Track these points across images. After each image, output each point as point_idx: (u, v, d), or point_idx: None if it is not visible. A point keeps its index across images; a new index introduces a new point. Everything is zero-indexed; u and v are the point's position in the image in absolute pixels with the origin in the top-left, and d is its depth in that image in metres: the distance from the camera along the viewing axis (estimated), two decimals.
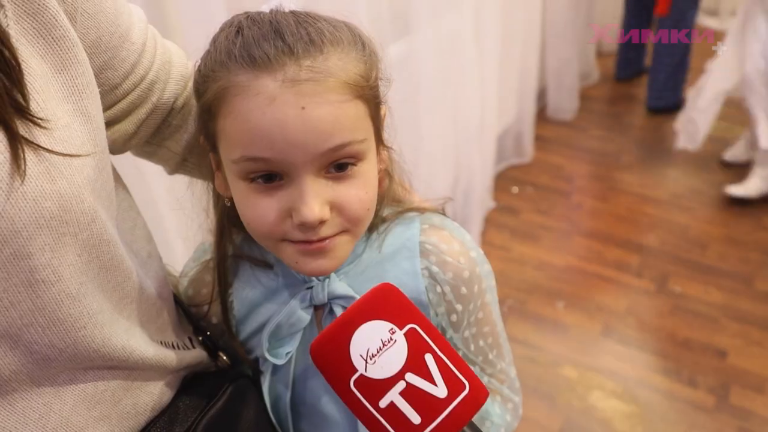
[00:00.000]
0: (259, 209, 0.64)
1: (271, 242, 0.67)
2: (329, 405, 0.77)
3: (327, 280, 0.73)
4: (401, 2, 2.06)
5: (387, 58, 0.69)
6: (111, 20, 0.63)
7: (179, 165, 0.82)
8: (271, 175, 0.63)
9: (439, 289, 0.75)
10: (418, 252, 0.75)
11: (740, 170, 3.14)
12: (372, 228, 0.76)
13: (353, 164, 0.64)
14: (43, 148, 0.50)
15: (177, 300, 0.80)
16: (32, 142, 0.49)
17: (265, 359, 0.75)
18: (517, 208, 2.98)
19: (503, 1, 2.61)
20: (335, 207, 0.64)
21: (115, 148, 0.72)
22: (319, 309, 0.75)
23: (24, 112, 0.49)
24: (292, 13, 0.64)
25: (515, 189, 3.11)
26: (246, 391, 0.74)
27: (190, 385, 0.72)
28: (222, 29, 0.66)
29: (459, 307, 0.75)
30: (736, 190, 2.95)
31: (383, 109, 0.71)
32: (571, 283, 2.53)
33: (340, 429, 0.77)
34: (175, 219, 1.51)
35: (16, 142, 0.47)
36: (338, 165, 0.63)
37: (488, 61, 2.58)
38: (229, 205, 0.73)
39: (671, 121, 3.68)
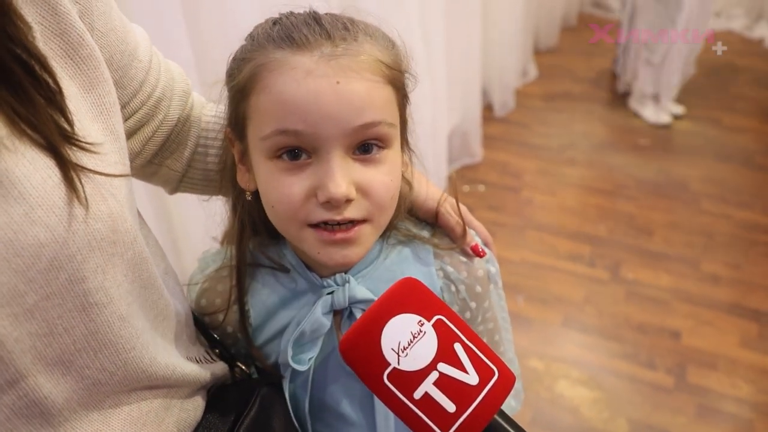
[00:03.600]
0: (285, 188, 0.63)
1: (294, 227, 0.66)
2: (348, 408, 0.77)
3: (347, 284, 0.73)
4: (349, 6, 2.06)
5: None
6: (120, 38, 0.63)
7: (179, 183, 0.81)
8: (297, 152, 0.63)
9: (453, 288, 0.76)
10: (432, 253, 0.77)
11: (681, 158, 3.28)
12: (386, 232, 0.76)
13: (381, 147, 0.65)
14: (90, 170, 0.49)
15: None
16: (82, 167, 0.48)
17: (286, 365, 0.74)
18: (470, 206, 2.95)
19: (445, 1, 2.65)
20: (361, 189, 0.64)
21: None
22: (337, 314, 0.75)
23: (71, 138, 0.48)
24: (327, 13, 0.67)
25: (466, 188, 3.14)
26: (273, 400, 0.74)
27: (215, 398, 0.71)
28: (258, 26, 0.68)
29: (473, 304, 0.77)
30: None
31: (408, 111, 0.72)
32: (529, 276, 2.58)
33: (359, 431, 0.77)
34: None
35: (68, 169, 0.47)
36: (365, 147, 0.64)
37: (435, 61, 2.61)
38: (250, 199, 0.72)
39: (608, 115, 3.82)
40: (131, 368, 0.54)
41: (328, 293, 0.73)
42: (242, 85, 0.64)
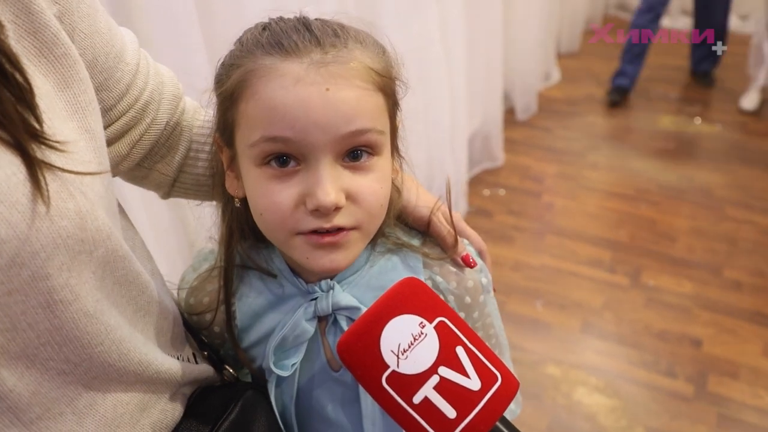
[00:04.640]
0: (273, 196, 0.63)
1: (282, 235, 0.66)
2: (334, 413, 0.76)
3: (331, 291, 0.72)
4: (367, 9, 2.06)
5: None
6: (106, 40, 0.63)
7: (171, 187, 0.81)
8: (285, 159, 0.62)
9: (442, 298, 0.74)
10: (421, 263, 0.75)
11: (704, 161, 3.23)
12: (375, 239, 0.75)
13: (370, 154, 0.65)
14: (59, 168, 0.48)
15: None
16: (49, 164, 0.48)
17: (270, 370, 0.73)
18: (490, 210, 3.00)
19: (466, 5, 2.64)
20: (350, 196, 0.64)
21: None
22: (323, 320, 0.74)
23: (39, 137, 0.48)
24: (317, 18, 0.66)
25: (487, 192, 3.13)
26: (256, 404, 0.73)
27: (198, 400, 0.71)
28: (246, 31, 0.68)
29: (462, 315, 0.75)
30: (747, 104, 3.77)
31: (399, 117, 0.71)
32: (548, 281, 2.55)
33: None
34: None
35: (34, 166, 0.46)
36: (354, 154, 0.63)
37: (455, 65, 2.60)
38: (239, 206, 0.72)
39: (631, 119, 3.77)
40: (97, 362, 0.54)
41: (312, 299, 0.72)
42: (231, 91, 0.64)
